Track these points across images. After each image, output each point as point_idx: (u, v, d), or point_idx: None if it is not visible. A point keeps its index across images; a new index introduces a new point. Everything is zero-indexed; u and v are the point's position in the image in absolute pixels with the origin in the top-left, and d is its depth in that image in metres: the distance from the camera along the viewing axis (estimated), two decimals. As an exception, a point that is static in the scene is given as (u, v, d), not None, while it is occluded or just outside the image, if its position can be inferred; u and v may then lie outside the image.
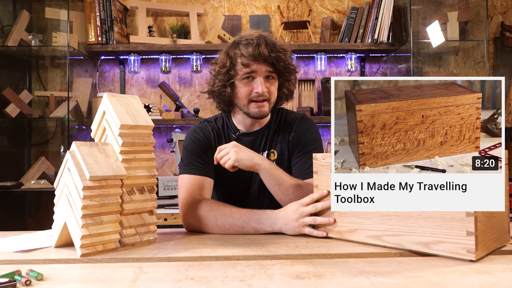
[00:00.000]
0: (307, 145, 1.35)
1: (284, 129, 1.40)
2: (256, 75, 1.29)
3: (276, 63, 1.28)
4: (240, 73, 1.29)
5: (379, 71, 2.89)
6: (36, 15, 2.79)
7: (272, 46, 1.27)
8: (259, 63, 1.27)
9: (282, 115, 1.43)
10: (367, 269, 0.79)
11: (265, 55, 1.25)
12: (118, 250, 0.96)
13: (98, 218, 0.93)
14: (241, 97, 1.31)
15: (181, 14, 2.86)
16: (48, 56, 2.80)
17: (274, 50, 1.27)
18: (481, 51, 2.70)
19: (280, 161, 1.37)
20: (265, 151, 1.38)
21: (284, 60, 1.29)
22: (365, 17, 2.68)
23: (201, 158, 1.31)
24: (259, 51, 1.25)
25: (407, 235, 0.90)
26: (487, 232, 0.85)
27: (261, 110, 1.30)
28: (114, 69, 2.87)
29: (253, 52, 1.26)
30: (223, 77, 1.32)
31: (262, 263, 0.85)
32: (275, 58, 1.27)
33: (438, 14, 2.65)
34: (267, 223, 1.09)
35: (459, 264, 0.81)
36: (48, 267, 0.84)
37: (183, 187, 1.26)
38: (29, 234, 1.15)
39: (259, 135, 1.39)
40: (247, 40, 1.28)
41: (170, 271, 0.80)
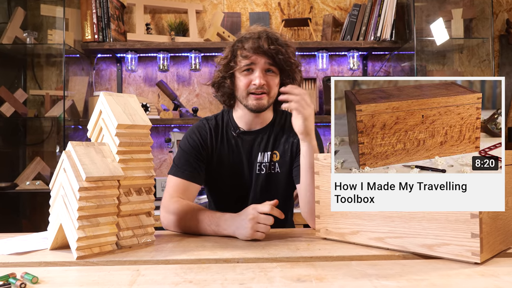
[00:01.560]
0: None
1: (288, 131, 1.40)
2: (255, 67, 1.31)
3: (275, 56, 1.29)
4: (240, 64, 1.32)
5: (382, 69, 2.89)
6: (31, 12, 2.78)
7: (273, 39, 1.30)
8: (258, 55, 1.30)
9: (287, 116, 1.44)
10: (369, 272, 0.79)
11: (264, 48, 1.28)
12: (115, 252, 0.96)
13: (95, 220, 0.93)
14: (240, 88, 1.33)
15: (179, 11, 2.86)
16: (44, 54, 2.80)
17: (275, 43, 1.29)
18: (486, 49, 2.70)
19: (282, 163, 1.37)
20: (267, 151, 1.38)
21: (283, 53, 1.30)
22: (368, 14, 2.68)
23: (192, 162, 1.34)
24: (259, 43, 1.28)
25: (411, 237, 0.90)
26: (492, 234, 0.85)
27: (259, 102, 1.31)
28: (111, 68, 2.87)
29: (253, 44, 1.29)
30: (223, 68, 1.37)
31: (262, 265, 0.85)
32: (275, 51, 1.28)
33: (442, 11, 2.65)
34: (223, 226, 1.11)
35: (463, 267, 0.81)
36: (43, 270, 0.84)
37: (168, 188, 1.32)
38: (24, 236, 1.15)
39: (259, 134, 1.39)
40: (250, 34, 1.32)
41: (168, 274, 0.80)
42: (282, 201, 1.40)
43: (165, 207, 1.25)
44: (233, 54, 1.34)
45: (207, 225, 1.14)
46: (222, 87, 1.39)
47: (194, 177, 1.33)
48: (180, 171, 1.32)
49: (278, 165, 1.37)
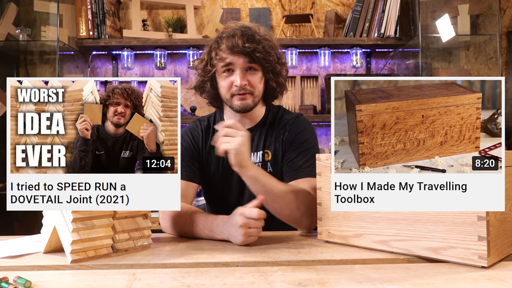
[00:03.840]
0: (301, 144, 1.34)
1: (278, 128, 1.39)
2: (234, 68, 1.29)
3: (253, 54, 1.27)
4: (218, 67, 1.31)
5: (386, 67, 2.89)
6: (24, 8, 2.78)
7: (248, 36, 1.27)
8: (235, 55, 1.27)
9: (278, 114, 1.43)
10: (373, 276, 0.79)
11: (239, 47, 1.25)
12: (110, 256, 0.95)
13: (90, 222, 0.93)
14: (223, 91, 1.33)
15: (177, 7, 2.86)
16: (37, 51, 2.80)
17: (251, 40, 1.26)
18: (493, 46, 2.70)
19: (274, 162, 1.37)
20: (259, 151, 1.37)
21: (260, 51, 1.27)
22: (371, 10, 2.68)
23: (188, 162, 1.34)
24: (233, 42, 1.26)
25: (416, 240, 0.90)
26: (499, 237, 0.85)
27: (243, 103, 1.30)
28: (106, 65, 2.87)
29: (227, 44, 1.27)
30: (202, 72, 1.36)
31: (262, 269, 0.85)
32: (251, 49, 1.26)
33: (448, 7, 2.65)
34: (216, 231, 1.11)
35: (470, 271, 0.81)
36: (36, 274, 0.84)
37: None
38: (17, 239, 1.15)
39: (250, 133, 1.38)
40: (225, 32, 1.30)
41: (165, 278, 0.80)
42: None
43: (162, 211, 1.25)
44: (210, 56, 1.33)
45: (201, 230, 1.14)
46: (204, 91, 1.39)
47: (191, 177, 1.33)
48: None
49: (270, 165, 1.36)
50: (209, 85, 1.35)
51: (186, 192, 1.31)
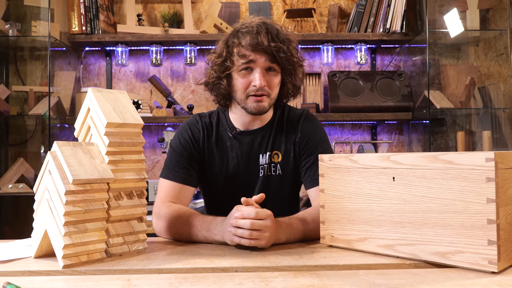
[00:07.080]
0: (316, 146, 1.35)
1: (288, 128, 1.39)
2: (254, 67, 1.27)
3: (277, 54, 1.26)
4: (237, 64, 1.28)
5: (392, 63, 2.89)
6: (14, 2, 2.78)
7: (273, 34, 1.26)
8: (258, 53, 1.25)
9: (285, 112, 1.42)
10: (378, 282, 0.79)
11: (264, 45, 1.24)
12: (104, 261, 0.96)
13: (82, 226, 0.93)
14: (238, 90, 1.30)
15: (173, 1, 2.86)
16: (27, 47, 2.80)
17: (276, 39, 1.25)
18: (504, 42, 2.70)
19: (284, 163, 1.37)
20: (267, 152, 1.37)
21: (285, 52, 1.27)
22: (376, 4, 2.68)
23: (185, 163, 1.33)
24: (258, 40, 1.24)
25: (423, 245, 0.90)
26: (510, 241, 0.85)
27: (260, 105, 1.29)
28: (100, 62, 2.87)
29: (251, 41, 1.24)
30: (218, 68, 1.32)
31: (262, 275, 0.85)
32: (276, 49, 1.25)
33: (456, 1, 2.65)
34: (214, 231, 1.11)
35: (479, 277, 0.81)
36: (27, 279, 0.85)
37: (161, 192, 1.31)
38: (6, 243, 1.15)
39: (259, 134, 1.38)
40: (247, 27, 1.27)
41: (161, 284, 0.81)
42: (284, 204, 1.40)
43: (156, 213, 1.25)
44: (229, 51, 1.30)
45: (198, 231, 1.13)
46: (216, 88, 1.35)
47: (187, 180, 1.32)
48: (171, 174, 1.31)
49: (280, 167, 1.36)
50: (225, 82, 1.32)
51: (181, 195, 1.30)
